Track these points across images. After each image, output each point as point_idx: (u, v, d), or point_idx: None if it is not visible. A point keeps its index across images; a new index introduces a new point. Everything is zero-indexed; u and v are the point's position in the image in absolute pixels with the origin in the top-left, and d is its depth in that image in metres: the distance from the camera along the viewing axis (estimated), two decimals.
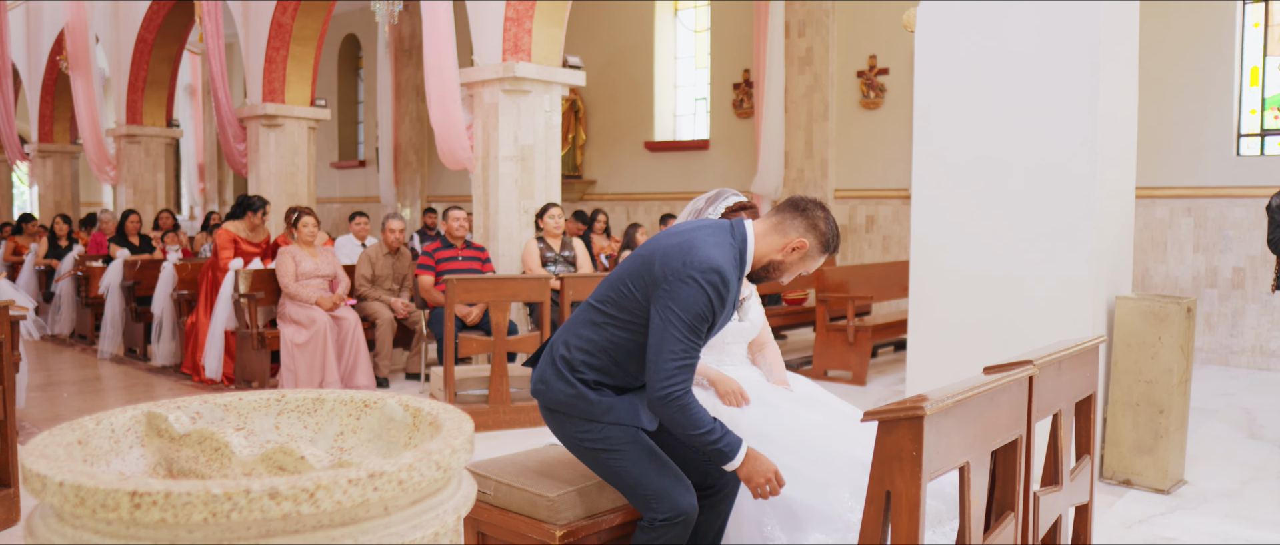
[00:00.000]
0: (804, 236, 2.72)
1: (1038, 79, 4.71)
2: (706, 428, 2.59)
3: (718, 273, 2.56)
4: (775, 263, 2.75)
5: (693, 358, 2.58)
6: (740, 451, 2.64)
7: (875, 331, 7.61)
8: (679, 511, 2.65)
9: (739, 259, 2.68)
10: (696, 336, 2.57)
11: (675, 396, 2.55)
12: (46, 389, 7.57)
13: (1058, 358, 2.72)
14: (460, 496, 1.36)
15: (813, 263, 2.78)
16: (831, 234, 2.76)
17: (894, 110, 10.70)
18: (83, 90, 13.45)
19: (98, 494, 1.12)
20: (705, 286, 2.55)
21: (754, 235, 2.73)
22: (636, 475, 2.70)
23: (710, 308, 2.57)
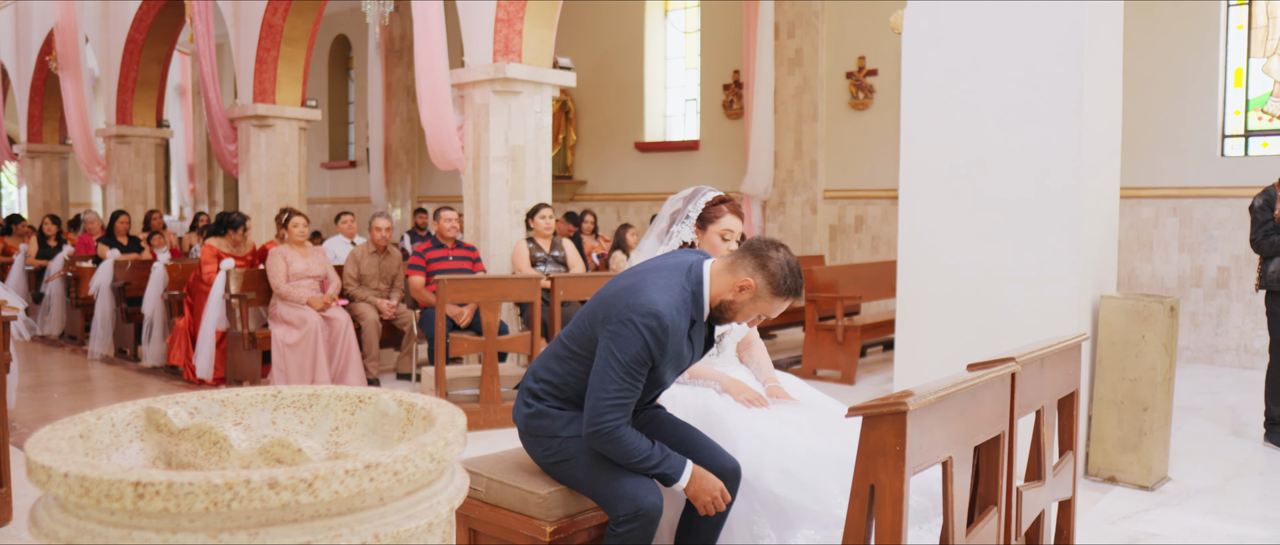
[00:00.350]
0: (752, 277, 2.73)
1: (1023, 80, 4.77)
2: (644, 454, 2.70)
3: (656, 318, 2.63)
4: (727, 303, 2.79)
5: (628, 397, 2.66)
6: (685, 473, 2.75)
7: (864, 331, 7.66)
8: (639, 510, 2.69)
9: (693, 300, 2.74)
10: (632, 378, 2.65)
11: (605, 431, 2.66)
12: (37, 389, 7.57)
13: (1040, 355, 2.77)
14: (453, 487, 1.40)
15: (767, 304, 2.76)
16: (784, 275, 2.73)
17: (883, 111, 10.76)
18: (72, 90, 13.42)
19: (102, 485, 1.15)
20: (642, 330, 2.62)
21: (710, 275, 2.79)
22: (594, 479, 2.79)
23: (647, 350, 2.64)
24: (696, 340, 2.81)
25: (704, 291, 2.77)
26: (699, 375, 3.39)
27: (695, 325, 2.77)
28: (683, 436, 3.01)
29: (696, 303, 2.75)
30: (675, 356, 2.74)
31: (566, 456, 2.85)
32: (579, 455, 2.83)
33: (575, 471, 2.84)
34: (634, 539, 2.72)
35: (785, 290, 2.74)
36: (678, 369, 2.83)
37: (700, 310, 2.76)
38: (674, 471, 2.74)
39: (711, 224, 3.43)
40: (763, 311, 2.79)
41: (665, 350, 2.67)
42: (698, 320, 2.77)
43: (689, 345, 2.77)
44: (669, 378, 2.85)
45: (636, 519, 2.70)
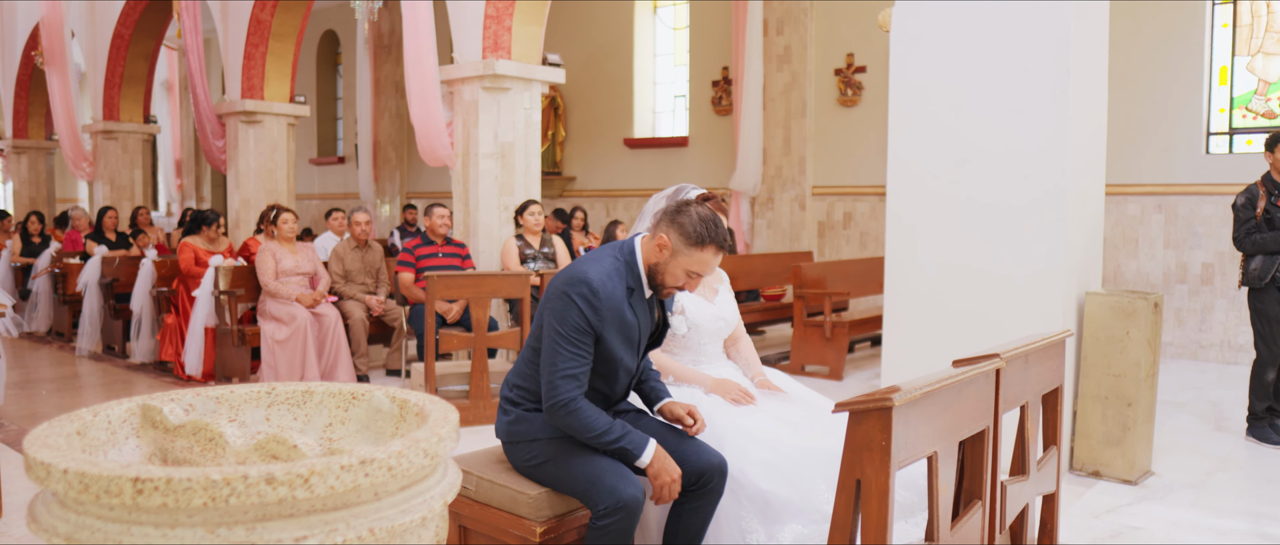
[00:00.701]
0: (666, 233, 2.83)
1: (1009, 78, 4.81)
2: (603, 428, 2.77)
3: (586, 284, 2.75)
4: (656, 266, 2.87)
5: (577, 367, 2.75)
6: (648, 449, 2.81)
7: (852, 327, 7.71)
8: (619, 503, 2.71)
9: (627, 269, 2.86)
10: (577, 347, 2.75)
11: (561, 403, 2.74)
12: (24, 387, 7.55)
13: (1025, 351, 2.81)
14: (447, 483, 1.42)
15: (687, 256, 2.83)
16: (694, 225, 2.81)
17: (871, 108, 10.80)
18: (58, 86, 13.36)
19: (101, 481, 1.17)
20: (575, 298, 2.75)
21: (640, 245, 2.91)
22: (573, 476, 2.84)
23: (583, 317, 2.74)
24: (640, 310, 2.88)
25: (637, 259, 2.88)
26: (686, 377, 3.41)
27: (634, 294, 2.86)
28: (665, 436, 3.03)
29: (631, 271, 2.86)
30: (619, 324, 2.81)
31: (546, 457, 2.90)
32: (557, 454, 2.88)
33: (555, 470, 2.88)
34: (615, 531, 2.74)
35: (699, 238, 2.81)
36: (630, 342, 2.88)
37: (636, 278, 2.87)
38: (635, 448, 2.79)
39: None
40: (690, 268, 2.85)
41: (602, 315, 2.76)
42: (637, 289, 2.86)
43: (632, 313, 2.85)
44: (623, 354, 2.89)
45: (617, 511, 2.72)
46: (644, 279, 2.89)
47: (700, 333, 3.49)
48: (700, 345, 3.52)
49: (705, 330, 3.51)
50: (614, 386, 2.97)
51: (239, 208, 10.81)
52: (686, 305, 3.47)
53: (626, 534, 2.76)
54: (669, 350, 3.50)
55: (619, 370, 2.93)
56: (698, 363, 3.53)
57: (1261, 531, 4.14)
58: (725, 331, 3.60)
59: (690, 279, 2.88)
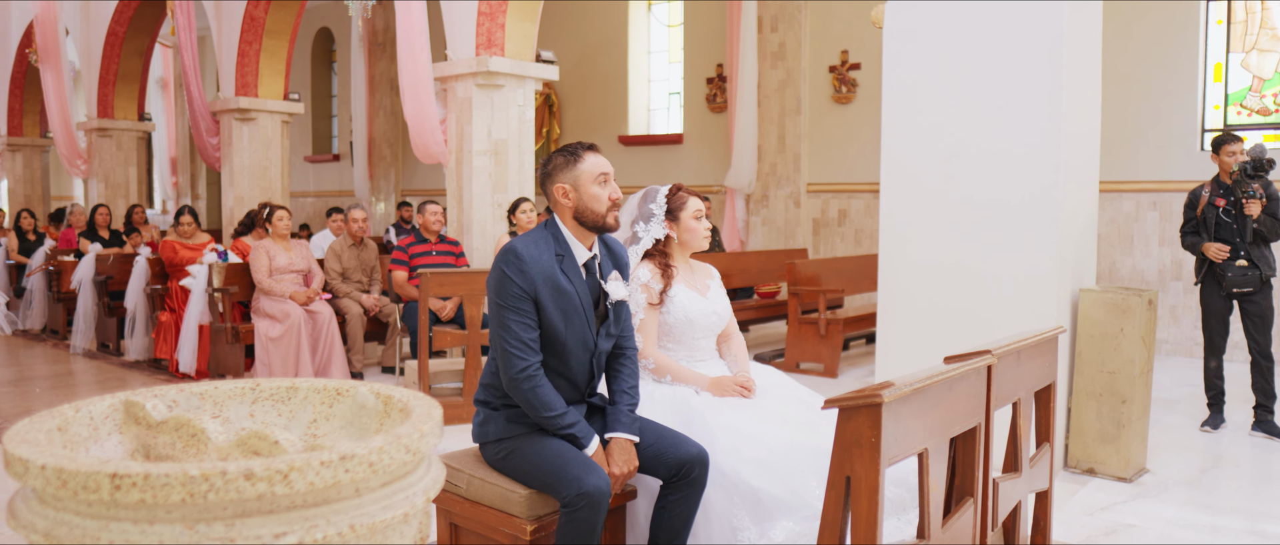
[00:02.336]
0: (556, 185, 2.95)
1: (1002, 75, 4.80)
2: (557, 411, 2.86)
3: (511, 251, 2.87)
4: (578, 209, 2.94)
5: (526, 333, 2.83)
6: (592, 444, 2.90)
7: (847, 324, 7.70)
8: (582, 491, 2.72)
9: (553, 237, 2.95)
10: (519, 314, 2.83)
11: (519, 372, 2.82)
12: (18, 384, 7.53)
13: (1016, 348, 2.80)
14: (429, 478, 1.41)
15: (577, 177, 2.93)
16: (560, 156, 2.97)
17: (866, 105, 10.80)
18: (53, 83, 13.32)
19: (79, 476, 1.16)
20: (505, 268, 2.85)
21: (558, 215, 3.02)
22: (538, 467, 2.86)
23: (515, 284, 2.83)
24: (574, 277, 2.92)
25: (559, 227, 2.97)
26: (683, 377, 3.41)
27: (565, 260, 2.92)
28: (645, 430, 3.03)
29: (557, 239, 2.95)
30: (552, 289, 2.86)
31: (511, 450, 2.94)
32: (521, 447, 2.92)
33: (522, 462, 2.91)
34: (582, 521, 2.74)
35: (573, 156, 2.95)
36: (572, 310, 2.90)
37: (564, 245, 2.94)
38: (583, 436, 2.89)
39: (681, 210, 3.51)
40: (594, 181, 2.93)
41: (531, 277, 2.83)
42: (567, 255, 2.93)
43: (566, 279, 2.90)
44: (567, 325, 2.90)
45: (581, 501, 2.73)
46: (569, 244, 2.95)
47: (693, 327, 3.49)
48: (693, 340, 3.52)
49: (698, 325, 3.50)
50: (570, 364, 2.96)
51: (233, 205, 10.79)
52: (680, 299, 3.46)
53: (593, 524, 2.76)
54: (663, 345, 3.49)
55: (570, 344, 2.93)
56: (692, 357, 3.52)
57: (1257, 529, 4.14)
58: (718, 326, 3.59)
59: (603, 187, 2.94)
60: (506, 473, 2.98)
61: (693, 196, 3.54)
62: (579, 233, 2.97)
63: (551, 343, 2.91)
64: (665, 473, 2.97)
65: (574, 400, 3.03)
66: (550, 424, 2.87)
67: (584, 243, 2.98)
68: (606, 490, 2.76)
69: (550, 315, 2.87)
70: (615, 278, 3.06)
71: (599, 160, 2.96)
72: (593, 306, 2.97)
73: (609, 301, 3.03)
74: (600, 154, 2.99)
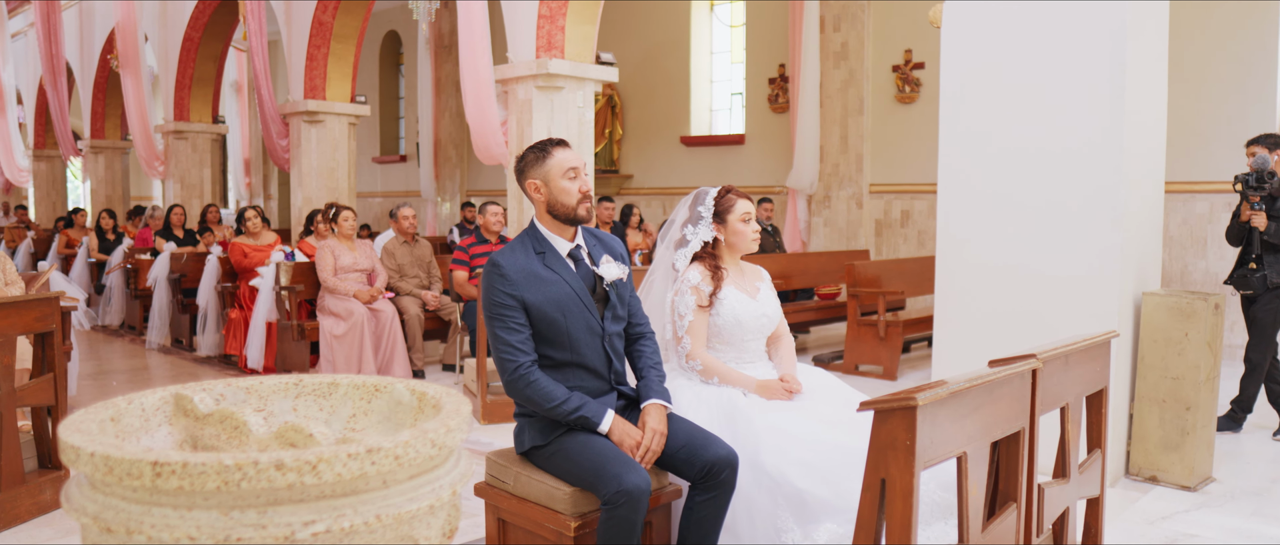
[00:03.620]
0: (529, 181, 3.03)
1: (1062, 74, 4.72)
2: (560, 400, 2.91)
3: (490, 263, 2.96)
4: (552, 204, 3.01)
5: (515, 337, 2.91)
6: (606, 418, 2.95)
7: (907, 326, 7.62)
8: (622, 490, 2.74)
9: (532, 238, 3.04)
10: (507, 319, 2.91)
11: (514, 373, 2.90)
12: (97, 377, 7.82)
13: (1064, 352, 2.76)
14: (457, 472, 1.45)
15: (553, 169, 3.00)
16: (530, 154, 3.04)
17: (930, 105, 10.67)
18: (132, 88, 13.78)
19: (124, 464, 1.23)
20: (489, 279, 2.94)
21: (535, 215, 3.10)
22: (579, 466, 2.90)
23: (499, 289, 2.92)
24: (557, 265, 3.01)
25: (537, 228, 3.06)
26: (730, 379, 3.42)
27: (547, 256, 3.01)
28: (673, 430, 3.05)
29: (537, 239, 3.04)
30: (539, 286, 2.95)
31: (553, 451, 2.99)
32: (563, 446, 2.96)
33: (563, 461, 2.95)
34: (622, 518, 2.77)
35: (539, 150, 3.03)
36: (564, 298, 2.96)
37: (544, 243, 3.03)
38: (594, 416, 2.93)
39: (729, 213, 3.52)
40: (563, 175, 2.99)
41: (512, 280, 2.92)
42: (547, 251, 3.02)
43: (550, 272, 2.98)
44: (561, 313, 2.95)
45: (620, 498, 2.75)
46: (548, 241, 3.03)
47: (742, 329, 3.50)
48: (743, 342, 3.52)
49: (748, 327, 3.51)
50: (583, 352, 3.01)
51: (301, 205, 11.05)
52: (729, 302, 3.47)
53: (633, 521, 2.78)
54: (712, 347, 3.51)
55: (576, 333, 2.99)
56: (741, 359, 3.53)
57: None
58: (768, 328, 3.60)
59: (573, 181, 3.01)
60: (550, 471, 3.03)
61: (742, 199, 3.55)
62: (556, 227, 3.05)
63: (557, 337, 2.98)
64: (693, 474, 2.97)
65: (601, 390, 3.06)
66: (558, 415, 2.92)
67: (563, 235, 3.06)
68: (646, 488, 2.78)
69: (546, 311, 2.95)
70: (608, 261, 3.12)
71: (568, 155, 3.03)
72: (589, 292, 3.04)
73: (605, 283, 3.08)
74: (570, 149, 3.06)
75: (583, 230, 3.13)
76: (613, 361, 3.10)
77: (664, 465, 3.05)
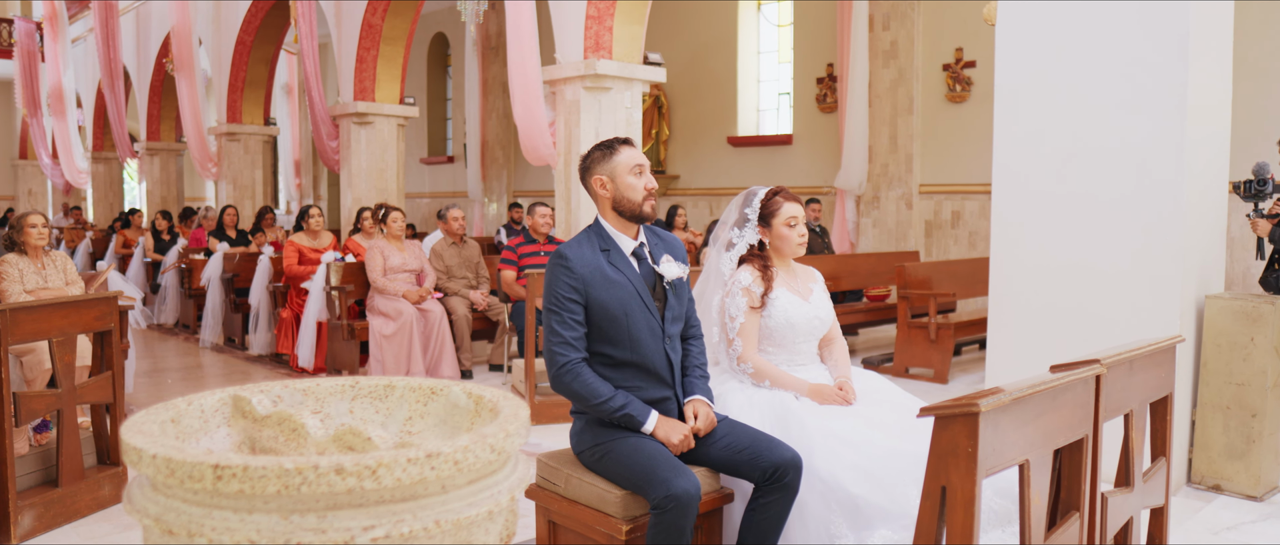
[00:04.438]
0: (595, 178, 3.04)
1: (1122, 73, 4.62)
2: (605, 397, 2.92)
3: (557, 254, 2.97)
4: (617, 200, 3.02)
5: (570, 332, 2.92)
6: (650, 418, 2.96)
7: (958, 329, 7.51)
8: (670, 493, 2.73)
9: (597, 234, 3.05)
10: (564, 311, 2.92)
11: (561, 367, 2.92)
12: (153, 375, 7.96)
13: (1129, 357, 2.69)
14: (515, 477, 1.44)
15: (620, 166, 3.01)
16: (597, 151, 3.05)
17: (981, 104, 10.52)
18: (187, 91, 14.04)
19: (185, 466, 1.23)
20: (554, 269, 2.96)
21: (599, 211, 3.11)
22: (629, 469, 2.90)
23: (562, 281, 2.93)
24: (623, 266, 3.01)
25: (602, 224, 3.07)
26: (782, 382, 3.38)
27: (611, 253, 3.01)
28: (737, 432, 3.03)
29: (601, 235, 3.04)
30: (602, 281, 2.94)
31: (604, 453, 2.99)
32: (614, 449, 2.96)
33: (613, 464, 2.95)
34: (670, 523, 2.76)
35: (606, 148, 3.04)
36: (627, 297, 2.95)
37: (608, 240, 3.04)
38: (639, 414, 2.94)
39: (774, 216, 3.48)
40: (629, 173, 3.00)
41: (577, 273, 2.93)
42: (612, 249, 3.02)
43: (614, 269, 2.98)
44: (623, 312, 2.95)
45: (669, 502, 2.74)
46: (612, 238, 3.03)
47: (794, 331, 3.46)
48: (794, 344, 3.48)
49: (800, 329, 3.47)
50: (644, 354, 3.00)
51: (351, 206, 11.17)
52: (781, 303, 3.43)
53: (681, 526, 2.76)
54: (763, 349, 3.47)
55: (637, 333, 2.98)
56: (793, 362, 3.49)
57: None
58: (820, 330, 3.55)
59: (639, 178, 3.01)
60: (600, 473, 3.03)
61: (790, 202, 3.49)
62: (620, 224, 3.06)
63: (619, 336, 2.97)
64: (758, 476, 2.96)
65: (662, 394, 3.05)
66: (603, 412, 2.93)
67: (628, 233, 3.06)
68: (695, 493, 2.76)
69: (610, 309, 2.95)
70: (667, 260, 3.11)
71: (634, 152, 3.04)
72: (650, 292, 3.03)
73: (665, 282, 3.08)
74: (636, 147, 3.07)
75: (645, 229, 3.12)
76: (672, 363, 3.08)
77: (728, 468, 3.02)
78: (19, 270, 5.49)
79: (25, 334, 4.04)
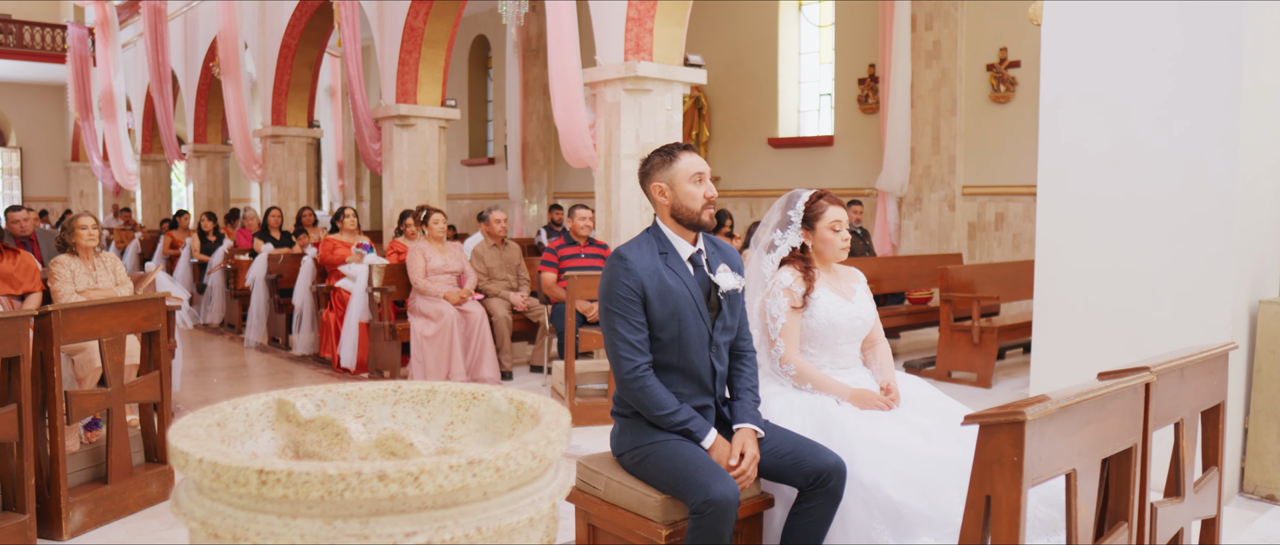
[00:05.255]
0: (654, 184, 3.03)
1: (1172, 74, 4.53)
2: (670, 408, 2.91)
3: (616, 256, 2.96)
4: (676, 208, 3.00)
5: (634, 335, 2.91)
6: (709, 435, 2.93)
7: (1002, 332, 7.41)
8: (709, 500, 2.72)
9: (655, 237, 3.03)
10: (627, 315, 2.91)
11: (629, 376, 2.91)
12: (199, 374, 8.09)
13: (1180, 364, 2.63)
14: (557, 484, 1.44)
15: (673, 175, 2.99)
16: (657, 156, 3.04)
17: (1025, 104, 10.38)
18: (232, 94, 14.25)
19: (230, 471, 1.24)
20: (613, 270, 2.95)
21: (657, 216, 3.10)
22: (668, 473, 2.88)
23: (622, 283, 2.92)
24: (681, 272, 2.99)
25: (660, 228, 3.05)
26: (824, 386, 3.35)
27: (669, 257, 2.99)
28: (779, 437, 3.02)
29: (659, 239, 3.03)
30: (660, 286, 2.93)
31: (643, 457, 2.98)
32: (654, 452, 2.95)
33: (653, 468, 2.94)
34: (709, 528, 2.74)
35: (666, 153, 3.02)
36: (679, 304, 2.94)
37: (666, 243, 3.02)
38: (699, 431, 2.93)
39: (818, 220, 3.45)
40: (689, 180, 2.98)
41: (637, 277, 2.91)
42: (670, 252, 3.00)
43: (672, 275, 2.96)
44: (677, 319, 2.93)
45: (708, 508, 2.73)
46: (670, 241, 3.02)
47: (837, 332, 3.43)
48: (836, 345, 3.46)
49: (842, 330, 3.44)
50: (691, 359, 2.99)
51: (393, 207, 11.27)
52: (823, 303, 3.41)
53: (720, 532, 2.75)
54: (805, 351, 3.45)
55: (687, 339, 2.96)
56: (835, 364, 3.46)
57: None
58: (863, 332, 3.53)
59: (699, 185, 2.99)
60: (640, 478, 3.02)
61: (834, 205, 3.47)
62: (678, 231, 3.04)
63: (669, 341, 2.96)
64: (801, 481, 2.94)
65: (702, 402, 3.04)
66: (664, 422, 2.92)
67: (686, 239, 3.05)
68: (734, 498, 2.75)
69: (663, 312, 2.93)
70: (724, 269, 3.09)
71: (695, 159, 3.02)
72: (703, 299, 3.02)
73: (720, 292, 3.05)
74: (696, 154, 3.05)
75: (703, 236, 3.11)
76: (717, 371, 3.07)
77: (770, 474, 3.01)
78: (71, 271, 5.60)
79: (76, 334, 4.11)
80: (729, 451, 2.93)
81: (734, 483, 2.80)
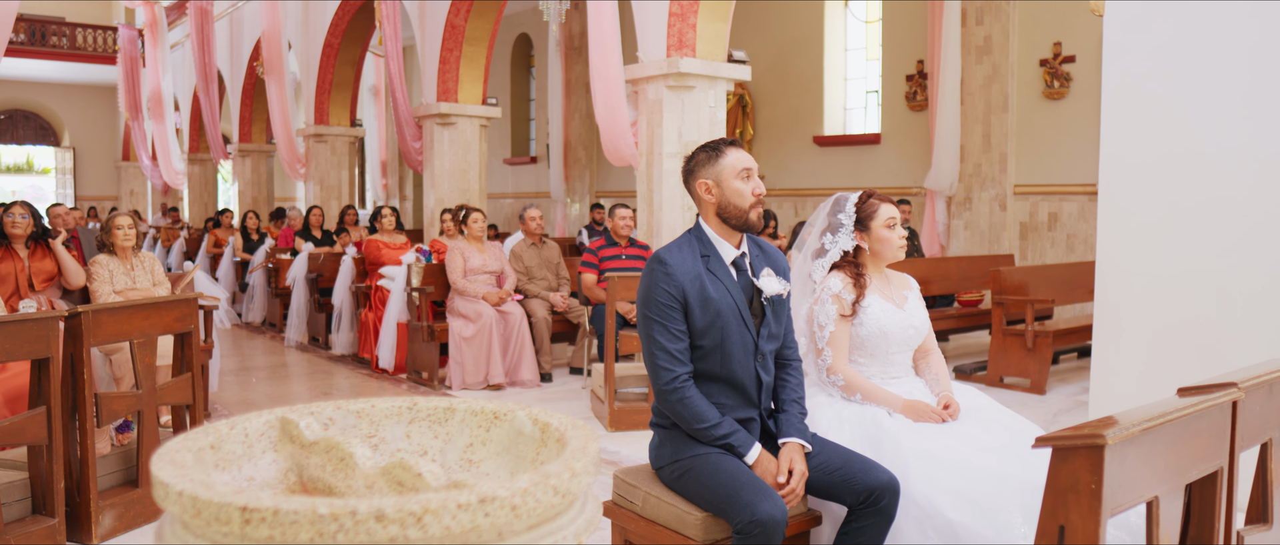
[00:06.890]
0: (699, 181, 2.87)
1: (1245, 68, 4.27)
2: (712, 421, 2.75)
3: (655, 259, 2.81)
4: (722, 206, 2.84)
5: (674, 344, 2.75)
6: (753, 450, 2.77)
7: (1057, 336, 7.14)
8: (753, 518, 2.57)
9: (697, 239, 2.88)
10: (666, 322, 2.75)
11: (669, 384, 2.75)
12: (239, 373, 8.06)
13: (1268, 379, 2.42)
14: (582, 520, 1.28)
15: (727, 169, 2.83)
16: (702, 152, 2.88)
17: (1081, 101, 10.05)
18: (276, 93, 14.31)
19: (211, 507, 1.10)
20: (652, 274, 2.79)
21: (701, 216, 2.94)
22: (712, 490, 2.72)
23: (662, 289, 2.76)
24: (722, 274, 2.83)
25: (703, 229, 2.90)
26: (874, 397, 3.18)
27: (712, 260, 2.84)
28: (828, 452, 2.85)
29: (702, 241, 2.87)
30: (701, 291, 2.76)
31: (684, 471, 2.82)
32: (696, 467, 2.79)
33: (694, 484, 2.78)
34: None
35: (711, 149, 2.86)
36: (722, 310, 2.78)
37: (709, 246, 2.86)
38: (742, 445, 2.77)
39: (872, 219, 3.28)
40: (736, 177, 2.83)
41: (677, 282, 2.76)
42: (712, 255, 2.85)
43: (712, 278, 2.81)
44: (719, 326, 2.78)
45: (754, 528, 2.57)
46: (713, 244, 2.87)
47: (888, 341, 3.25)
48: (887, 354, 3.28)
49: (893, 338, 3.26)
50: (734, 369, 2.82)
51: (434, 206, 11.21)
52: (874, 311, 3.23)
53: None
54: (854, 360, 3.28)
55: (730, 346, 2.80)
56: (886, 374, 3.29)
57: None
58: (915, 340, 3.34)
59: (747, 182, 2.83)
60: (681, 493, 2.86)
61: (885, 203, 3.29)
62: (724, 231, 2.87)
63: (711, 348, 2.80)
64: (852, 499, 2.77)
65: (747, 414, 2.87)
66: (705, 435, 2.76)
67: (731, 241, 2.88)
68: (782, 518, 2.58)
69: (705, 319, 2.77)
70: (768, 273, 2.92)
71: (741, 155, 2.85)
72: (747, 305, 2.85)
73: (764, 297, 2.88)
74: (743, 150, 2.88)
75: (747, 238, 2.94)
76: (763, 382, 2.90)
77: (819, 490, 2.84)
78: (109, 271, 5.56)
79: (107, 335, 4.04)
80: (775, 468, 2.76)
81: (781, 501, 2.63)
